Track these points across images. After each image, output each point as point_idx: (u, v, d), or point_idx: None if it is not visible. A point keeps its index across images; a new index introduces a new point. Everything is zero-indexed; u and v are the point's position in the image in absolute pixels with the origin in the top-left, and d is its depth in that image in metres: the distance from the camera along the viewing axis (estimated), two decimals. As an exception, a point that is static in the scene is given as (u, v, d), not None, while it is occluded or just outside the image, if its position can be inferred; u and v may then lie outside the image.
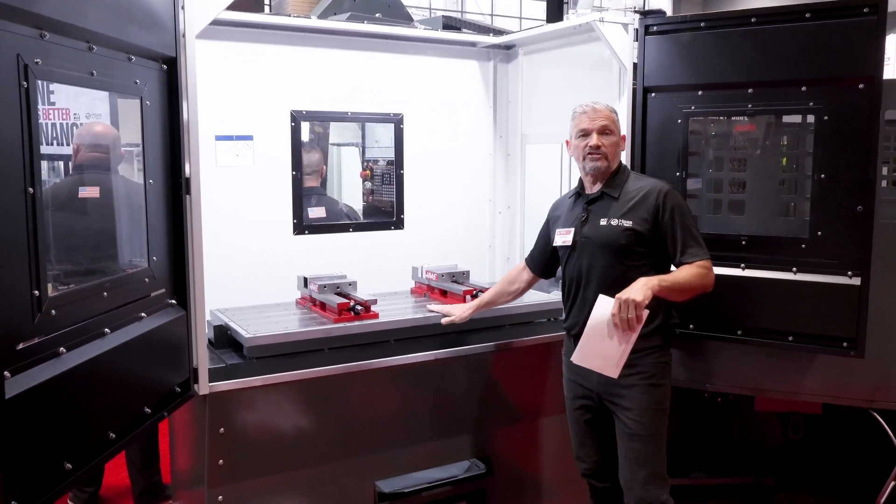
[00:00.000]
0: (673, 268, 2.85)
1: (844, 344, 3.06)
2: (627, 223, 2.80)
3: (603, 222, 2.85)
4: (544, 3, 5.20)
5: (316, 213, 3.75)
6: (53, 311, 1.79)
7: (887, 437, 3.38)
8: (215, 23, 2.64)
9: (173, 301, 2.48)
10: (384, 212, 4.28)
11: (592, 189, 2.95)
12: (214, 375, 2.69)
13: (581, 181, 3.02)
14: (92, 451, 2.00)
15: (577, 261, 2.92)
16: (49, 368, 1.78)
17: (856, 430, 3.65)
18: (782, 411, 3.64)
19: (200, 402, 2.66)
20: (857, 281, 3.02)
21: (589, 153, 2.88)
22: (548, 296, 3.76)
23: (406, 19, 4.05)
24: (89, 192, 2.63)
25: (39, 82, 1.72)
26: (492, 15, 13.73)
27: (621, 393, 2.80)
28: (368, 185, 4.78)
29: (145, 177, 2.28)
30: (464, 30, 4.45)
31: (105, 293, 2.06)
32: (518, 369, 3.38)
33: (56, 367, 1.80)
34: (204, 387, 2.62)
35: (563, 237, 2.97)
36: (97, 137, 2.99)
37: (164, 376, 2.42)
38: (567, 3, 6.11)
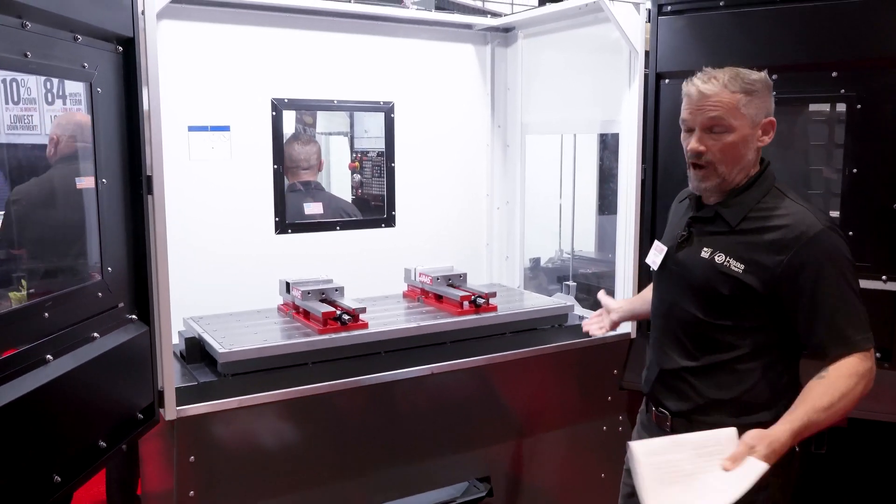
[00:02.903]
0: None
1: (878, 355, 2.80)
2: (737, 267, 1.93)
3: (704, 253, 2.01)
4: None
5: (313, 209, 3.46)
6: (-23, 341, 1.50)
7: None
8: (184, 0, 2.33)
9: (133, 316, 2.18)
10: (374, 206, 3.99)
11: (709, 199, 2.08)
12: (184, 397, 2.40)
13: None
14: (33, 499, 1.71)
15: (662, 292, 2.17)
16: (-27, 409, 1.48)
17: (883, 445, 3.39)
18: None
19: (168, 428, 2.37)
20: (892, 286, 2.77)
21: (690, 162, 2.01)
22: (550, 299, 3.48)
23: (393, 1, 3.74)
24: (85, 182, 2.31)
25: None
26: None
27: None
28: (357, 177, 4.49)
29: (97, 176, 1.97)
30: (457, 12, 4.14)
31: (46, 314, 1.76)
32: (521, 382, 3.10)
33: (-17, 405, 1.51)
34: (171, 411, 2.33)
35: (654, 255, 2.20)
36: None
37: (124, 402, 2.13)
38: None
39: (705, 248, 2.02)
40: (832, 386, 1.80)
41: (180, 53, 2.94)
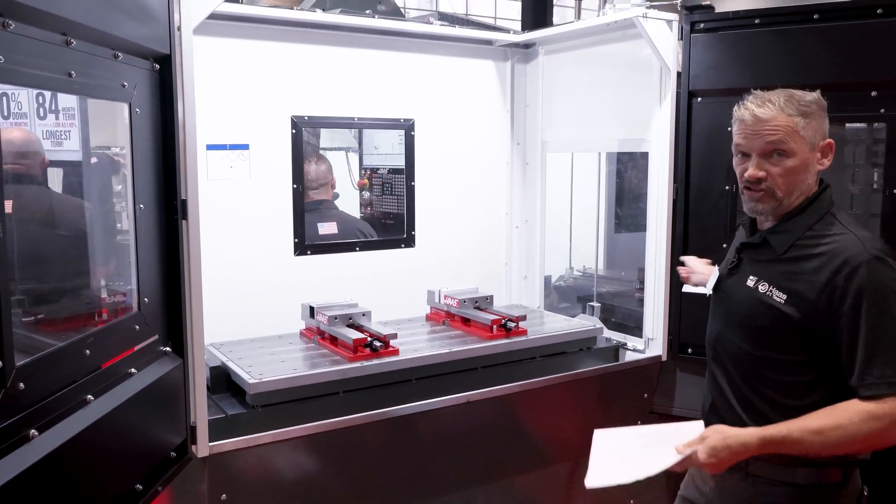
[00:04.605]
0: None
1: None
2: (779, 297, 1.83)
3: (751, 282, 1.92)
4: (519, 4, 4.78)
5: (326, 229, 3.34)
6: (22, 385, 1.37)
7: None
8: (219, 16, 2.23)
9: (167, 348, 2.05)
10: (386, 225, 3.88)
11: (763, 224, 1.98)
12: (214, 431, 2.27)
13: None
14: (72, 552, 1.58)
15: (713, 319, 2.10)
16: (16, 460, 1.36)
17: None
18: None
19: (199, 465, 2.24)
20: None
21: (745, 187, 1.91)
22: (577, 321, 3.39)
23: (400, 17, 3.65)
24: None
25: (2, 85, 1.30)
26: (467, 14, 13.33)
27: None
28: (367, 195, 4.39)
29: (135, 201, 1.85)
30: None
31: (87, 351, 1.63)
32: (552, 407, 3.00)
33: (26, 456, 1.38)
34: (203, 448, 2.20)
35: (711, 280, 2.12)
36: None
37: (159, 441, 2.00)
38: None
39: (751, 277, 1.93)
40: (832, 414, 1.70)
41: (201, 69, 2.82)
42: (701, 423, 1.83)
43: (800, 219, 1.89)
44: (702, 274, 2.53)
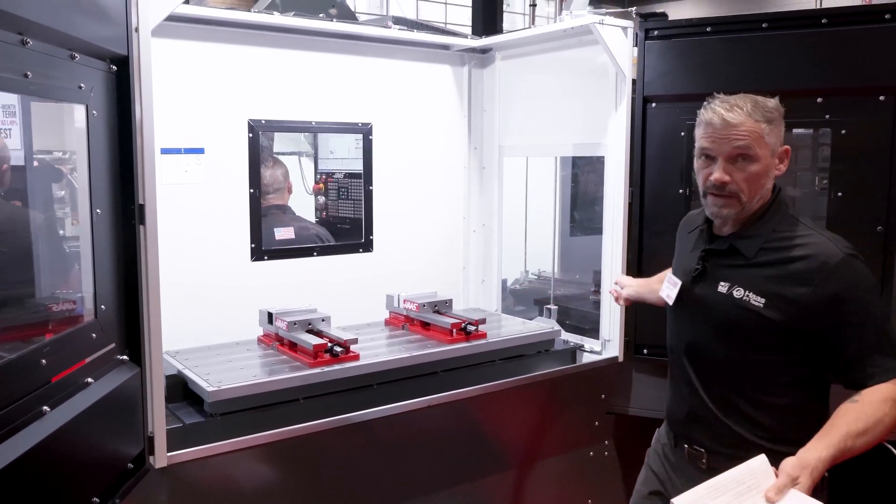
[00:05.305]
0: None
1: (863, 374, 2.85)
2: (757, 302, 1.88)
3: (723, 288, 1.95)
4: (469, 10, 4.84)
5: (284, 234, 3.30)
6: (-23, 397, 1.33)
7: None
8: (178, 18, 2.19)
9: (125, 357, 2.00)
10: (342, 230, 3.86)
11: (721, 230, 2.03)
12: (172, 441, 2.22)
13: None
14: (29, 569, 1.52)
15: (681, 328, 2.10)
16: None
17: (872, 466, 3.44)
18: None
19: (157, 476, 2.18)
20: (877, 307, 2.82)
21: (710, 191, 1.93)
22: (535, 324, 3.42)
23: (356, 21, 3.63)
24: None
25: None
26: (417, 20, 13.34)
27: None
28: (322, 199, 4.35)
29: (91, 206, 1.80)
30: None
31: (43, 360, 1.58)
32: (513, 410, 3.02)
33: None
34: (161, 458, 2.15)
35: (668, 289, 2.12)
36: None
37: (116, 453, 1.94)
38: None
39: (722, 283, 1.96)
40: (866, 411, 1.75)
41: (156, 73, 2.76)
42: (763, 457, 1.75)
43: (762, 223, 1.94)
44: (632, 286, 2.60)
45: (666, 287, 2.15)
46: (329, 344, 2.68)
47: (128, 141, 1.95)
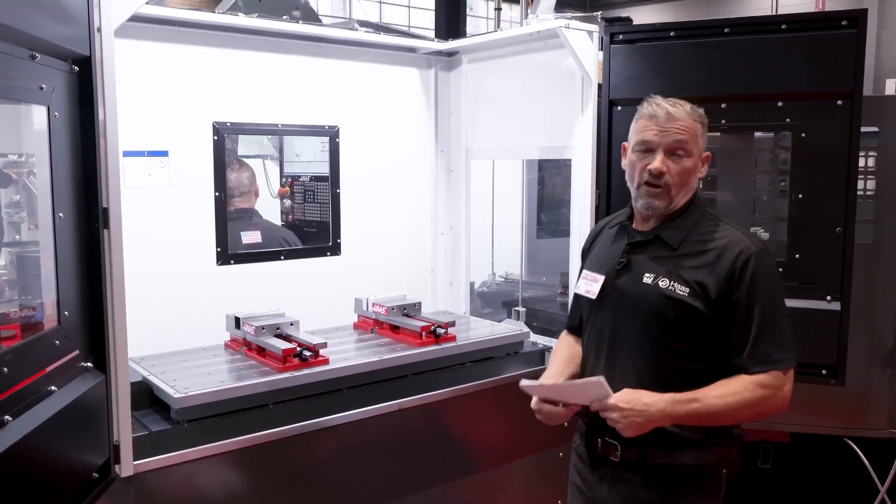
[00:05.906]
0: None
1: (824, 372, 2.92)
2: (682, 290, 1.96)
3: (647, 279, 2.01)
4: (432, 14, 4.87)
5: (250, 238, 3.26)
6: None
7: (859, 466, 3.28)
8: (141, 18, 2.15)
9: (89, 364, 1.96)
10: (309, 233, 3.83)
11: (643, 226, 2.11)
12: (139, 449, 2.18)
13: (631, 206, 2.17)
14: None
15: (603, 322, 2.12)
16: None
17: (826, 459, 3.53)
18: (751, 440, 3.48)
19: (123, 485, 2.14)
20: (836, 306, 2.90)
21: (646, 182, 2.01)
22: (504, 326, 3.44)
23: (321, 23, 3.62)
24: None
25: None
26: (381, 22, 13.34)
27: None
28: (288, 203, 4.31)
29: (54, 210, 1.76)
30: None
31: (5, 368, 1.54)
32: (483, 412, 3.03)
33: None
34: (127, 467, 2.10)
35: (588, 284, 2.15)
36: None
37: (81, 462, 1.90)
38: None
39: (647, 274, 2.03)
40: (728, 383, 1.92)
41: (118, 73, 2.71)
42: (600, 378, 1.92)
43: (684, 218, 2.06)
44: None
45: (584, 284, 2.18)
46: (298, 348, 2.65)
47: (91, 143, 1.91)
